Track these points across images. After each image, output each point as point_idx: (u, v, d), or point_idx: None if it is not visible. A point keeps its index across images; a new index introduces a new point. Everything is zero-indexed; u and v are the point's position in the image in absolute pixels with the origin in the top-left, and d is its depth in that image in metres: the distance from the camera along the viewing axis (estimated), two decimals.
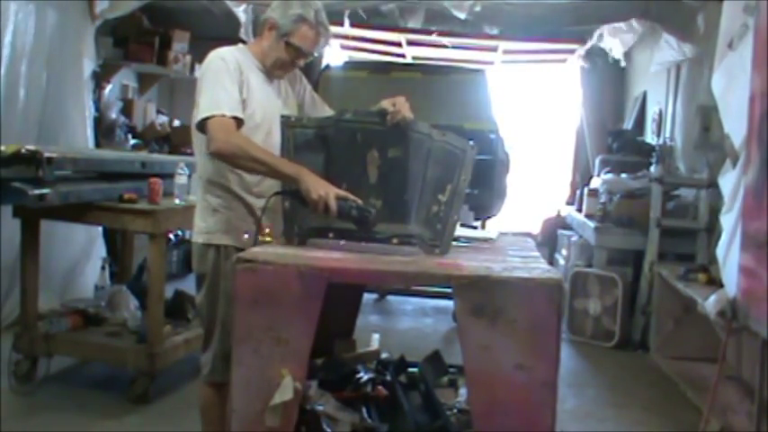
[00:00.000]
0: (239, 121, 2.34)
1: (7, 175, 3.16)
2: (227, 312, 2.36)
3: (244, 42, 2.85)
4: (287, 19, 2.44)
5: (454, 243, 2.49)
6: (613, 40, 6.26)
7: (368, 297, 5.65)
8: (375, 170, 2.32)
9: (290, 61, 2.51)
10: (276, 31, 2.45)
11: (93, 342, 3.66)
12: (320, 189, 2.20)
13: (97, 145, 5.41)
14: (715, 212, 4.00)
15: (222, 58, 2.39)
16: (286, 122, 2.39)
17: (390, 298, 6.21)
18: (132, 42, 6.08)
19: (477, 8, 5.32)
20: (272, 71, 2.53)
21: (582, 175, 7.40)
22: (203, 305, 2.50)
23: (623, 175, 5.71)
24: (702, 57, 4.81)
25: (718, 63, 3.19)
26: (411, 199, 2.33)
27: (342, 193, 2.24)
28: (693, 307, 3.67)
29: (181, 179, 3.52)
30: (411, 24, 6.08)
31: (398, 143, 2.33)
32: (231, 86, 2.36)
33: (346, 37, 7.62)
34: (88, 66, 5.16)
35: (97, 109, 5.59)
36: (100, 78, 5.60)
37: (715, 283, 3.54)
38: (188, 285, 3.54)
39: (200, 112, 2.32)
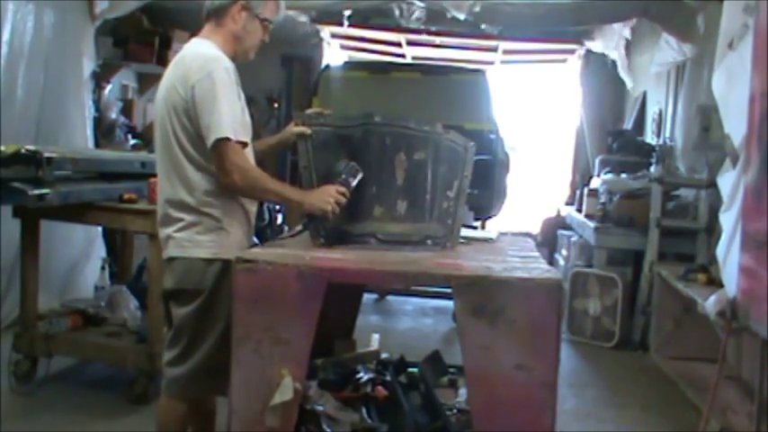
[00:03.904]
0: (244, 145, 2.30)
1: (7, 175, 3.15)
2: (226, 327, 2.25)
3: None
4: None
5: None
6: (608, 45, 6.31)
7: (368, 297, 5.65)
8: (402, 172, 2.39)
9: (263, 39, 2.46)
10: (249, 11, 2.37)
11: (93, 342, 3.66)
12: (324, 202, 2.29)
13: (97, 145, 5.40)
14: (715, 212, 3.99)
15: (226, 68, 2.28)
16: (303, 121, 2.41)
17: (390, 298, 6.20)
18: (132, 42, 6.07)
19: (477, 8, 5.32)
20: (247, 55, 2.45)
21: (582, 175, 7.41)
22: (190, 320, 2.33)
23: (623, 176, 5.71)
24: (702, 57, 4.80)
25: (718, 63, 3.19)
26: (431, 198, 2.43)
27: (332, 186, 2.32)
28: (693, 307, 3.66)
29: None
30: (411, 24, 6.08)
31: (423, 146, 2.41)
32: (237, 104, 2.28)
33: (346, 37, 7.63)
34: (88, 66, 5.16)
35: (97, 109, 5.59)
36: (100, 78, 5.60)
37: (715, 283, 3.53)
38: None
39: (211, 131, 2.21)
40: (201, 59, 2.29)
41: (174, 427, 2.39)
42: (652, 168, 5.33)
